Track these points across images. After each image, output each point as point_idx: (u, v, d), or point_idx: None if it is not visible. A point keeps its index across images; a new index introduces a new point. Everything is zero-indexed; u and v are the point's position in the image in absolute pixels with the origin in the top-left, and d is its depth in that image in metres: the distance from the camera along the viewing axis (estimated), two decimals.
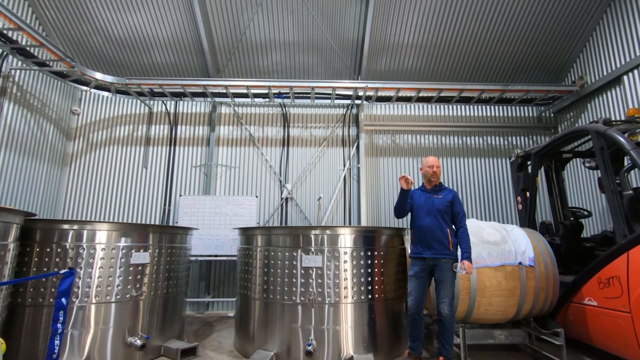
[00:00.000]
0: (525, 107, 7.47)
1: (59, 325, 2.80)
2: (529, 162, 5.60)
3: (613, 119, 5.48)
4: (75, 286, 3.39)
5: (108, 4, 6.18)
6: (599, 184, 4.67)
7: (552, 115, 7.45)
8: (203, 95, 6.64)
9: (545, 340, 3.91)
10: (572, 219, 5.19)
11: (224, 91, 6.46)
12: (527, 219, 5.35)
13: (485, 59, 7.10)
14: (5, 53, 5.25)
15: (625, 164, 4.34)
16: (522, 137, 7.44)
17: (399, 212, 3.83)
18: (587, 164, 5.30)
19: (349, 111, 7.38)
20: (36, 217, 3.60)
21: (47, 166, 6.36)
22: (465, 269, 3.41)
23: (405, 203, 3.77)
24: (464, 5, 6.29)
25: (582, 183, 6.48)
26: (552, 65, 7.08)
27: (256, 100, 6.84)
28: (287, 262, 3.83)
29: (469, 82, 7.29)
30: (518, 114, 7.52)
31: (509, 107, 7.47)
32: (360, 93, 6.56)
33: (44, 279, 3.34)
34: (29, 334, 3.28)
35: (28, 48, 5.20)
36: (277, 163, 7.14)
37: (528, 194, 5.42)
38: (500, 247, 3.93)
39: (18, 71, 5.62)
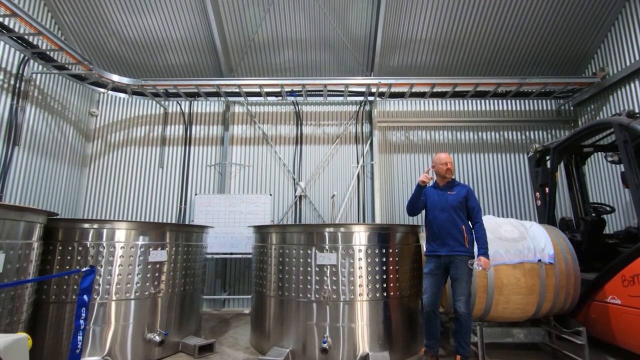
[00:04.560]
0: (544, 101, 7.27)
1: (82, 322, 2.88)
2: (547, 157, 5.46)
3: (637, 111, 5.28)
4: (96, 283, 3.48)
5: (123, 7, 6.30)
6: (623, 179, 4.52)
7: (571, 108, 7.23)
8: (217, 94, 6.70)
9: (566, 339, 3.81)
10: (593, 214, 5.04)
11: (237, 90, 6.50)
12: (546, 215, 5.22)
13: (501, 52, 6.94)
14: (26, 58, 5.41)
15: None
16: (540, 132, 7.25)
17: (412, 209, 3.80)
18: (609, 158, 5.12)
19: (361, 108, 7.33)
20: (58, 217, 3.70)
21: (68, 167, 6.54)
22: (482, 265, 3.36)
23: (419, 200, 3.73)
24: None
25: (604, 178, 6.28)
26: (571, 56, 6.87)
27: (269, 98, 6.86)
28: (301, 260, 3.84)
29: (484, 76, 7.14)
30: (536, 108, 7.32)
31: (527, 101, 7.28)
32: (373, 89, 6.50)
33: (66, 277, 3.44)
34: (53, 329, 3.40)
35: (48, 52, 5.35)
36: (291, 161, 7.16)
37: (547, 189, 5.30)
38: (519, 244, 3.85)
39: (39, 75, 5.78)
